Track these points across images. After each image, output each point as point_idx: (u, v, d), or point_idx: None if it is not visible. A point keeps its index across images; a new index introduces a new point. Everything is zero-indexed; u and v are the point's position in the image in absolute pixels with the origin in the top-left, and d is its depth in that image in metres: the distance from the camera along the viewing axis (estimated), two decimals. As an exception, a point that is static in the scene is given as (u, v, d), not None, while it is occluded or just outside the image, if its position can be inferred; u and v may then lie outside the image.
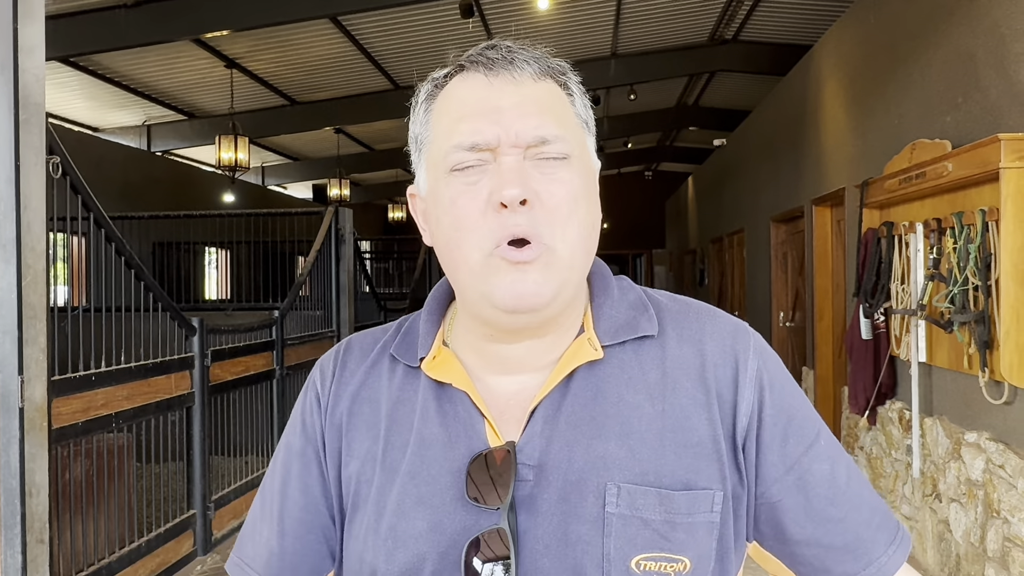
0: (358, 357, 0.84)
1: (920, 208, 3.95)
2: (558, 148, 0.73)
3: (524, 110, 0.73)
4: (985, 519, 3.38)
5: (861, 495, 0.77)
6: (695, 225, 12.60)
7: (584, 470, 0.71)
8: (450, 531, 0.72)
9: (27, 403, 2.59)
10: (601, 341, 0.76)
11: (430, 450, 0.75)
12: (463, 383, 0.77)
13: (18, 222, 2.51)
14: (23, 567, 2.56)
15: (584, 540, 0.70)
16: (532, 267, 0.70)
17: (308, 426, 0.82)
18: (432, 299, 0.85)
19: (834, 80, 5.62)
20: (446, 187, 0.73)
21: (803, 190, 6.30)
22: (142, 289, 3.70)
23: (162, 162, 10.22)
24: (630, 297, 0.81)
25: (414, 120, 0.80)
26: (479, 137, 0.72)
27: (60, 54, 6.57)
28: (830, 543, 0.75)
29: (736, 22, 7.84)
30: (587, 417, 0.74)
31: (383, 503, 0.75)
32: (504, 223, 0.70)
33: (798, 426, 0.76)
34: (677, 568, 0.70)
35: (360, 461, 0.78)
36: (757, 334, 0.81)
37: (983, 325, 3.25)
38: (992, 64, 3.39)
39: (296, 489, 0.81)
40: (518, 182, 0.70)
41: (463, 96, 0.75)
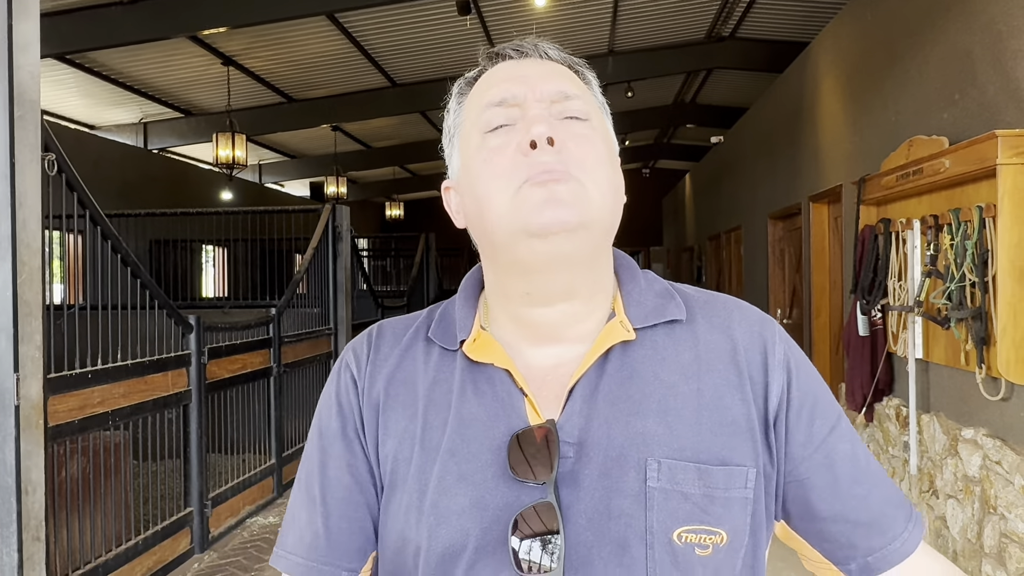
0: (391, 341, 0.86)
1: (917, 205, 3.95)
2: (579, 106, 0.77)
3: (545, 73, 0.79)
4: (982, 515, 3.38)
5: (880, 475, 0.81)
6: (692, 222, 12.61)
7: (624, 446, 0.74)
8: (492, 507, 0.73)
9: (23, 401, 2.59)
10: (633, 324, 0.79)
11: (469, 428, 0.76)
12: (504, 361, 0.78)
13: (13, 219, 2.51)
14: (19, 565, 2.56)
15: (627, 514, 0.72)
16: (561, 185, 0.72)
17: (345, 406, 0.83)
18: (466, 286, 0.87)
19: (831, 77, 5.62)
20: (479, 151, 0.76)
21: (800, 187, 6.30)
22: (139, 287, 3.69)
23: (159, 160, 10.20)
24: (656, 287, 0.84)
25: (447, 116, 0.85)
26: (507, 93, 0.77)
27: (56, 51, 6.55)
28: (856, 519, 0.78)
29: (733, 19, 7.84)
30: (624, 396, 0.76)
31: (424, 481, 0.76)
32: (532, 161, 0.72)
33: (823, 408, 0.80)
34: (715, 540, 0.73)
35: (397, 440, 0.79)
36: (780, 326, 0.84)
37: (980, 321, 3.25)
38: (989, 61, 3.39)
39: (339, 469, 0.81)
40: (546, 121, 0.74)
41: (493, 74, 0.81)
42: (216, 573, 3.95)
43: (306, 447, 0.86)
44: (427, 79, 9.00)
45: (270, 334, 5.16)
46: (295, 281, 5.73)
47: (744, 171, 8.54)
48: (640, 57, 8.88)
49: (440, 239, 10.93)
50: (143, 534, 3.69)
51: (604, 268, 0.81)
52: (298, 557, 0.81)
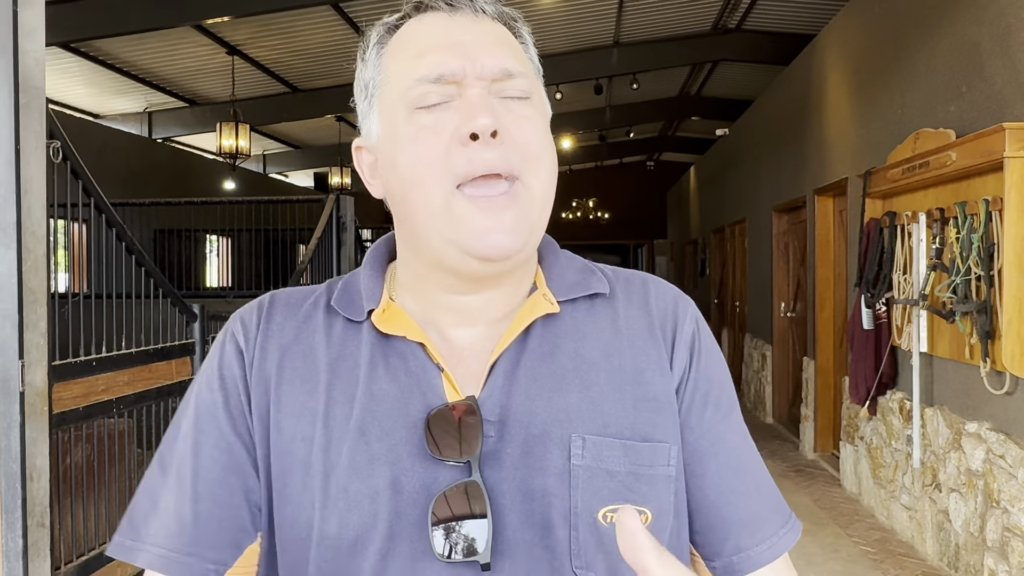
0: (285, 311, 0.78)
1: (923, 198, 3.94)
2: (521, 85, 0.71)
3: (487, 44, 0.71)
4: (985, 509, 3.38)
5: (764, 476, 0.79)
6: (697, 215, 12.58)
7: (547, 423, 0.70)
8: (409, 489, 0.68)
9: (28, 388, 2.59)
10: (556, 297, 0.76)
11: (381, 406, 0.71)
12: (416, 334, 0.73)
13: (18, 206, 2.51)
14: (24, 550, 2.57)
15: (551, 493, 0.68)
16: (507, 209, 0.67)
17: (228, 380, 0.75)
18: (371, 256, 0.81)
19: (837, 69, 5.59)
20: (406, 125, 0.69)
21: (805, 180, 6.28)
22: (143, 275, 3.69)
23: (163, 149, 10.20)
24: (576, 264, 0.81)
25: (363, 67, 0.76)
26: (444, 68, 0.69)
27: (61, 40, 6.54)
28: (729, 515, 0.75)
29: (740, 11, 7.80)
30: (546, 371, 0.72)
31: (330, 463, 0.69)
32: (472, 157, 0.66)
33: (718, 395, 0.77)
34: (641, 520, 0.67)
35: (295, 418, 0.72)
36: (695, 306, 0.82)
37: (985, 315, 3.24)
38: (997, 53, 3.37)
39: (214, 449, 0.73)
40: (488, 110, 0.67)
41: (422, 33, 0.72)
42: (219, 561, 3.96)
43: (174, 424, 0.77)
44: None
45: (274, 324, 5.16)
46: (299, 271, 5.73)
47: (749, 164, 8.51)
48: (645, 49, 8.85)
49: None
50: (147, 522, 3.70)
51: (535, 253, 0.78)
52: (159, 548, 0.71)
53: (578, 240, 19.25)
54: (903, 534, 4.29)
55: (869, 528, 4.51)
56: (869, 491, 4.81)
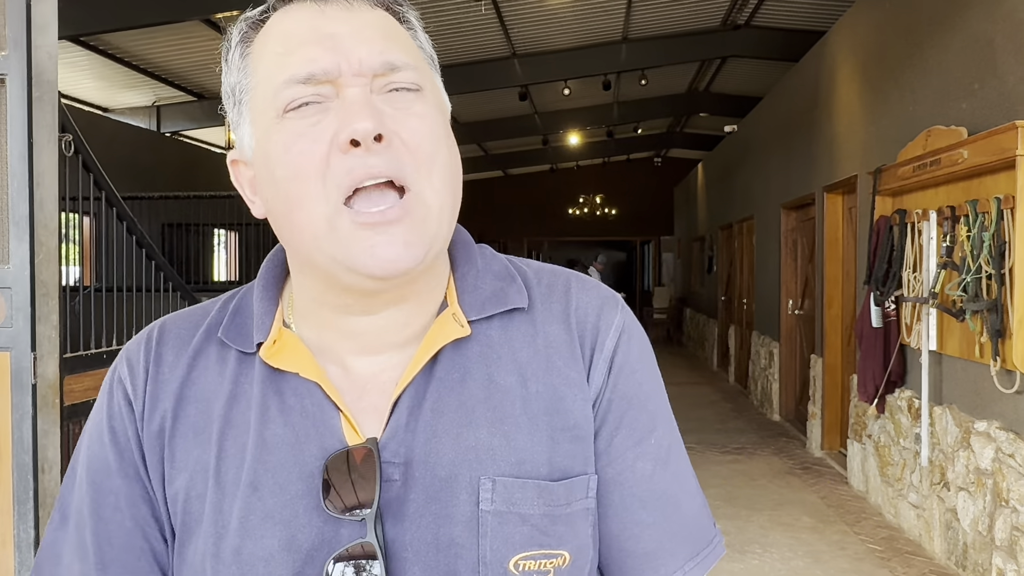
0: (176, 346, 0.70)
1: (934, 195, 3.92)
2: (409, 77, 0.63)
3: (364, 35, 0.63)
4: (994, 508, 3.37)
5: (677, 504, 0.71)
6: (704, 212, 12.56)
7: (455, 464, 0.64)
8: (306, 547, 0.62)
9: (40, 380, 2.61)
10: (467, 315, 0.68)
11: (273, 455, 0.64)
12: (311, 371, 0.66)
13: (31, 199, 2.52)
14: (36, 541, 2.58)
15: (457, 543, 0.63)
16: (398, 223, 0.60)
17: (120, 435, 0.68)
18: (266, 272, 0.72)
19: (848, 66, 5.57)
20: (278, 132, 0.61)
21: (815, 177, 6.26)
22: (153, 269, 3.71)
23: (172, 143, 10.22)
24: (495, 267, 0.72)
25: (228, 70, 0.68)
26: (315, 66, 0.61)
27: (71, 33, 6.56)
28: (631, 548, 0.70)
29: (749, 7, 7.77)
30: (455, 403, 0.65)
31: (222, 523, 0.64)
32: (355, 166, 0.59)
33: (633, 417, 0.70)
34: (557, 563, 0.64)
35: (189, 474, 0.66)
36: (627, 310, 0.74)
37: (996, 314, 3.23)
38: (1010, 50, 3.35)
39: (116, 511, 0.67)
40: (370, 113, 0.59)
41: (289, 28, 0.64)
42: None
43: (71, 471, 0.71)
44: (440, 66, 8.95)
45: (282, 318, 5.18)
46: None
47: (757, 161, 8.49)
48: (654, 45, 8.82)
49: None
50: (156, 514, 3.72)
51: (439, 265, 0.69)
52: None
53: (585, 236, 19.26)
54: (911, 532, 4.29)
55: (876, 526, 4.51)
56: (876, 489, 4.80)
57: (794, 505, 4.89)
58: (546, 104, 11.49)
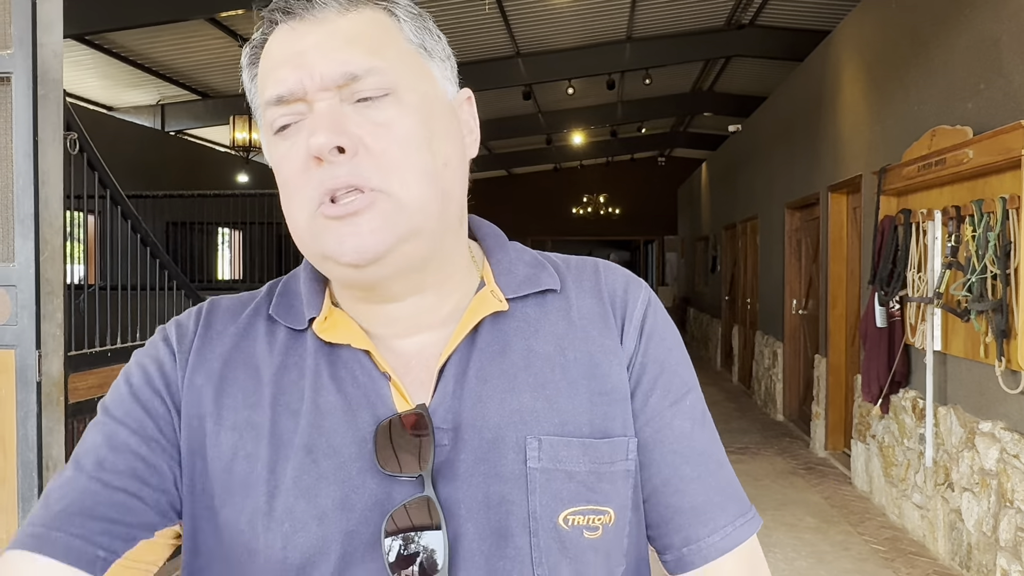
0: (225, 318, 0.74)
1: (939, 195, 3.91)
2: (374, 83, 0.64)
3: (326, 47, 0.64)
4: (998, 509, 3.36)
5: (719, 463, 0.74)
6: (708, 212, 12.54)
7: (500, 426, 0.67)
8: (360, 507, 0.64)
9: (44, 377, 2.61)
10: (505, 294, 0.72)
11: (327, 420, 0.67)
12: (362, 343, 0.69)
13: (36, 197, 2.52)
14: (40, 539, 2.59)
15: (508, 500, 0.65)
16: (362, 216, 0.63)
17: (157, 380, 0.70)
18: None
19: (853, 65, 5.56)
20: (273, 150, 0.68)
21: (819, 177, 6.25)
22: (157, 267, 3.72)
23: (176, 142, 10.23)
24: (526, 257, 0.77)
25: (246, 91, 0.73)
26: (282, 87, 0.64)
27: (75, 32, 6.57)
28: (678, 504, 0.72)
29: (753, 7, 7.76)
30: (497, 371, 0.69)
31: (275, 482, 0.66)
32: (323, 178, 0.63)
33: (667, 380, 0.74)
34: (604, 520, 0.67)
35: (238, 433, 0.68)
36: (653, 293, 0.79)
37: (1001, 314, 3.22)
38: (1016, 50, 3.34)
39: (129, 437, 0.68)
40: (327, 127, 0.62)
41: (271, 50, 0.67)
42: (231, 552, 3.99)
43: (91, 424, 0.71)
44: (444, 64, 8.96)
45: (286, 316, 5.18)
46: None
47: (762, 160, 8.47)
48: (659, 44, 8.81)
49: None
50: (160, 512, 3.72)
51: (452, 255, 0.72)
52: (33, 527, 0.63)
53: (588, 235, 19.25)
54: (915, 533, 4.28)
55: (880, 527, 4.50)
56: (880, 489, 4.79)
57: (798, 505, 4.88)
58: (550, 103, 11.49)
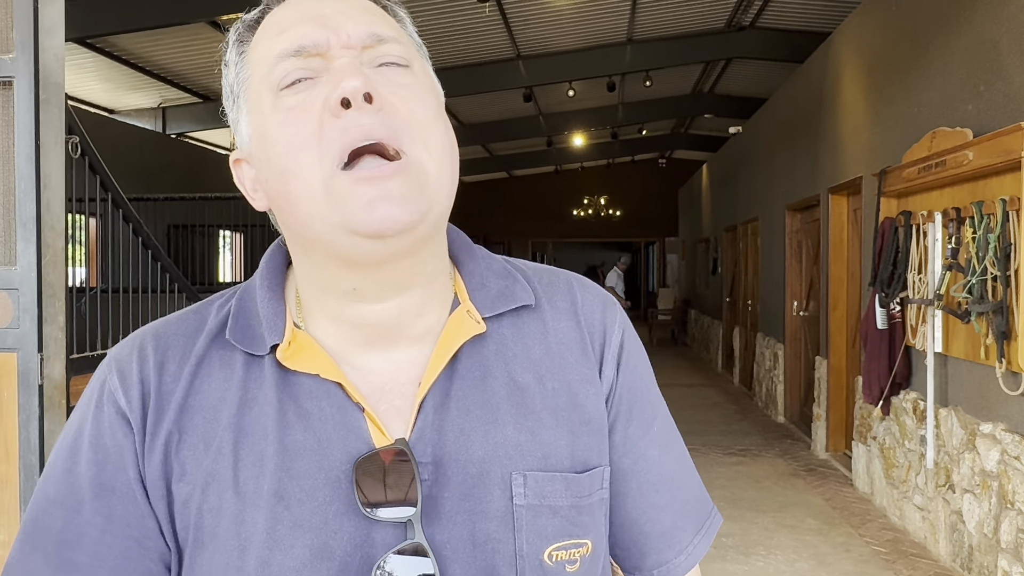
0: (178, 355, 0.67)
1: (939, 197, 3.92)
2: (397, 50, 0.64)
3: (349, 12, 0.64)
4: (999, 510, 3.36)
5: (684, 482, 0.77)
6: (709, 213, 12.54)
7: (485, 460, 0.64)
8: (340, 554, 0.61)
9: (46, 381, 2.62)
10: (480, 312, 0.69)
11: (297, 462, 0.62)
12: (331, 372, 0.64)
13: (38, 201, 2.53)
14: (42, 542, 2.60)
15: (494, 538, 0.63)
16: (393, 177, 0.59)
17: (112, 453, 0.64)
18: (266, 272, 0.70)
19: (853, 67, 5.56)
20: (273, 111, 0.62)
21: (820, 178, 6.25)
22: (158, 270, 3.72)
23: (177, 145, 10.25)
24: (495, 266, 0.73)
25: (226, 71, 0.69)
26: (305, 40, 0.62)
27: (77, 35, 6.59)
28: (650, 530, 0.74)
29: (754, 8, 7.77)
30: (479, 401, 0.66)
31: (245, 534, 0.61)
32: (349, 126, 0.58)
33: (640, 408, 0.74)
34: (582, 552, 0.67)
35: (200, 486, 0.63)
36: (621, 308, 0.78)
37: (1001, 315, 3.23)
38: (1016, 51, 3.35)
39: (106, 532, 0.63)
40: (358, 73, 0.60)
41: (283, 15, 0.65)
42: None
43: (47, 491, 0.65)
44: (445, 67, 8.97)
45: (287, 319, 5.19)
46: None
47: (762, 162, 8.48)
48: (659, 46, 8.82)
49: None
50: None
51: (443, 248, 0.69)
52: None
53: (589, 237, 19.26)
54: (916, 535, 4.28)
55: (881, 528, 4.50)
56: (881, 491, 4.79)
57: (799, 507, 4.88)
58: (550, 105, 11.49)
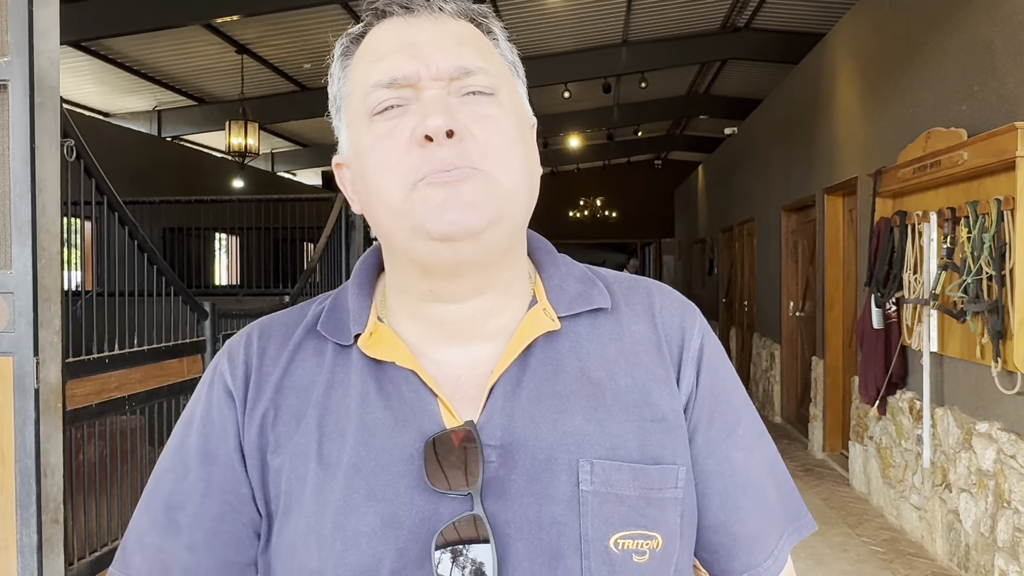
0: (278, 342, 0.76)
1: (934, 197, 3.93)
2: (483, 80, 0.69)
3: (443, 43, 0.69)
4: (996, 509, 3.37)
5: (773, 486, 0.77)
6: (705, 214, 12.56)
7: (553, 447, 0.68)
8: (408, 524, 0.65)
9: (42, 384, 2.61)
10: (556, 312, 0.73)
11: (375, 437, 0.68)
12: (407, 360, 0.71)
13: (33, 204, 2.52)
14: (39, 546, 2.59)
15: (559, 521, 0.66)
16: (464, 182, 0.64)
17: (218, 425, 0.73)
18: (359, 271, 0.78)
19: (848, 68, 5.58)
20: (368, 134, 0.69)
21: (815, 179, 6.26)
22: (155, 273, 3.72)
23: (172, 147, 10.23)
24: (576, 271, 0.78)
25: (332, 81, 0.76)
26: (397, 72, 0.67)
27: (72, 38, 6.58)
28: (739, 532, 0.75)
29: (749, 10, 7.78)
30: (550, 392, 0.70)
31: (324, 501, 0.67)
32: (429, 157, 0.65)
33: (724, 411, 0.76)
34: (652, 545, 0.68)
35: (289, 457, 0.70)
36: (701, 315, 0.80)
37: (997, 315, 3.24)
38: (1010, 52, 3.36)
39: (206, 497, 0.71)
40: (442, 110, 0.65)
41: (380, 39, 0.71)
42: (230, 558, 3.99)
43: (164, 461, 0.75)
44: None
45: (283, 322, 5.18)
46: (309, 269, 5.75)
47: (758, 163, 8.49)
48: (654, 47, 8.83)
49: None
50: (158, 518, 3.72)
51: (519, 257, 0.74)
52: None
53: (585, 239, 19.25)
54: (913, 534, 4.28)
55: (878, 528, 4.51)
56: (878, 491, 4.80)
57: (796, 507, 4.88)
58: (546, 107, 11.50)
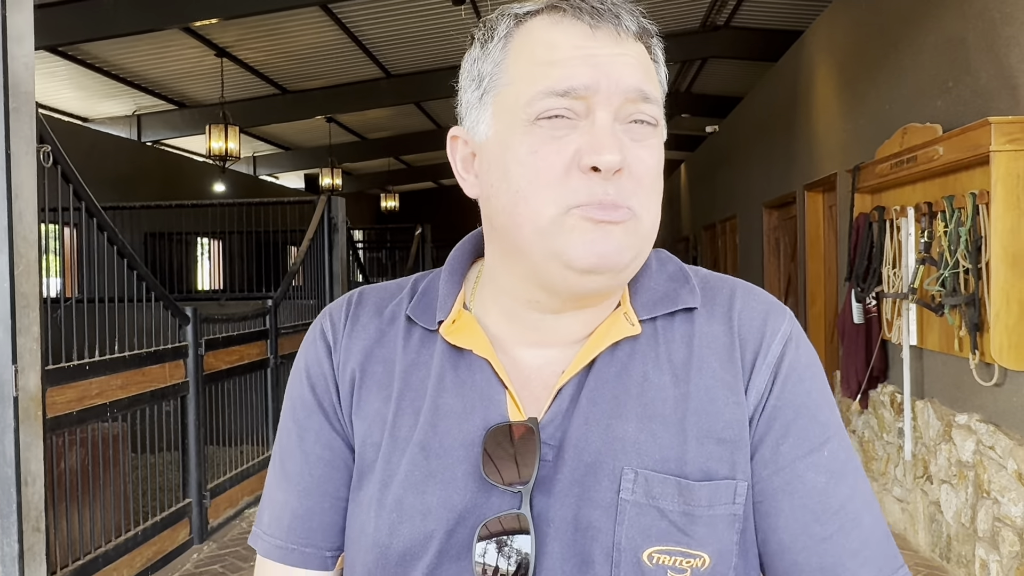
0: (371, 311, 0.78)
1: (911, 192, 3.97)
2: (652, 111, 0.67)
3: (623, 61, 0.66)
4: (976, 500, 3.41)
5: (857, 521, 0.69)
6: (688, 212, 12.62)
7: (601, 452, 0.67)
8: (460, 508, 0.67)
9: (21, 392, 2.59)
10: (638, 315, 0.72)
11: (444, 421, 0.70)
12: (484, 350, 0.71)
13: (10, 211, 2.51)
14: (20, 555, 2.57)
15: (595, 526, 0.65)
16: (618, 228, 0.64)
17: (318, 377, 0.77)
18: (454, 258, 0.78)
19: (825, 65, 5.63)
20: (525, 135, 0.65)
21: (795, 176, 6.31)
22: (135, 279, 3.69)
23: (153, 152, 10.16)
24: (669, 269, 0.76)
25: (483, 56, 0.70)
26: (576, 81, 0.64)
27: (49, 43, 6.52)
28: (805, 561, 0.68)
29: (728, 8, 7.82)
30: (608, 395, 0.69)
31: (389, 473, 0.70)
32: (592, 189, 0.64)
33: (802, 426, 0.69)
34: (695, 564, 0.65)
35: (368, 423, 0.73)
36: (795, 320, 0.74)
37: (973, 308, 3.28)
38: (983, 48, 3.40)
39: (315, 444, 0.76)
40: (617, 147, 0.64)
41: (556, 40, 0.66)
42: (215, 563, 3.96)
43: (281, 421, 0.80)
44: (422, 70, 8.97)
45: (267, 326, 5.16)
46: (291, 273, 5.73)
47: (739, 160, 8.54)
48: (635, 47, 8.85)
49: (436, 231, 10.92)
50: (142, 525, 3.70)
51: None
52: (276, 539, 0.76)
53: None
54: (895, 526, 4.33)
55: (862, 521, 4.54)
56: (862, 484, 4.84)
57: (781, 502, 4.91)
58: (528, 107, 11.50)
